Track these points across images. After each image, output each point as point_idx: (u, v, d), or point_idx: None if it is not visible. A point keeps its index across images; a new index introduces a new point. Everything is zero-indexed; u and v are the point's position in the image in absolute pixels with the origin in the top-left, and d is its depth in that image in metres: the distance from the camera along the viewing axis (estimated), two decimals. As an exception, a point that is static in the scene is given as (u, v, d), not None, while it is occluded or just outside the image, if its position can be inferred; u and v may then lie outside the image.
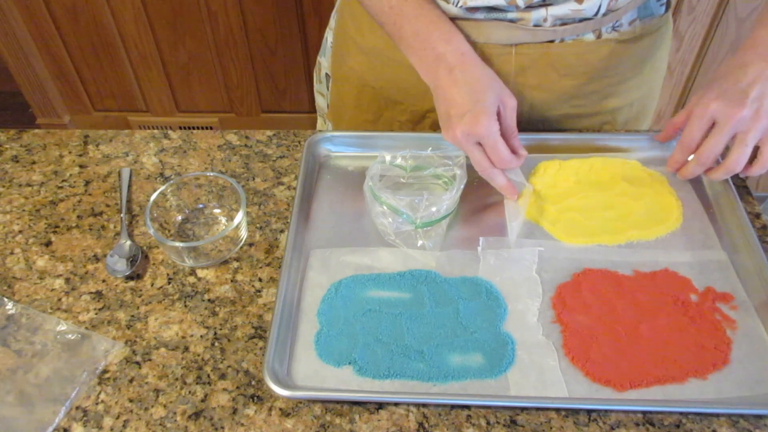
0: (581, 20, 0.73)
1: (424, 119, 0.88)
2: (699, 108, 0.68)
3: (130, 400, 0.60)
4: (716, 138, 0.67)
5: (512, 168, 0.71)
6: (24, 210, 0.78)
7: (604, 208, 0.74)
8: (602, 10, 0.72)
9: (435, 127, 0.88)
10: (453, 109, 0.70)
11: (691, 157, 0.72)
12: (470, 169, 0.74)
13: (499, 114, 0.70)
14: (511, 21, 0.74)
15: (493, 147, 0.68)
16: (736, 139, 0.67)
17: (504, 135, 0.70)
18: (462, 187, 0.72)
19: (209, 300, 0.68)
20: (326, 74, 0.99)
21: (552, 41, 0.75)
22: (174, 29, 1.86)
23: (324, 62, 0.98)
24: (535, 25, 0.74)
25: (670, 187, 0.76)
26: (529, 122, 0.84)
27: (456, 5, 0.72)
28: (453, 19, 0.75)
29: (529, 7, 0.72)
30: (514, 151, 0.71)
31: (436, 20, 0.73)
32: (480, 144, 0.69)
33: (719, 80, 0.68)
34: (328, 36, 0.96)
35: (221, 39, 1.87)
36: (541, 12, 0.72)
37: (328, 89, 0.99)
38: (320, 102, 1.05)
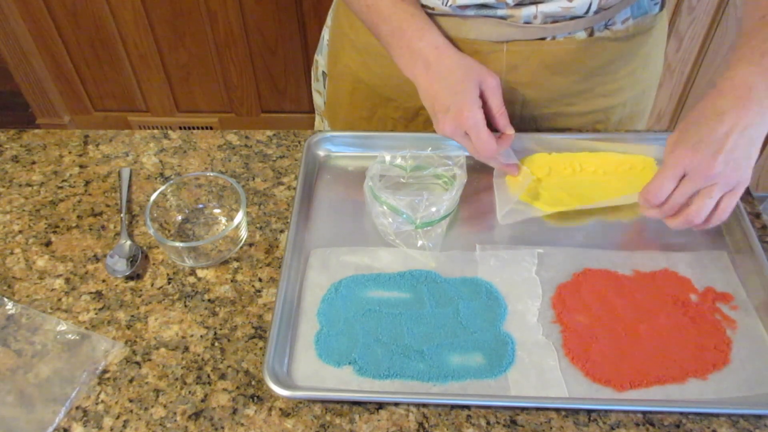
0: (572, 18, 0.73)
1: (417, 116, 0.88)
2: (672, 159, 0.63)
3: (130, 400, 0.60)
4: (683, 191, 0.63)
5: (499, 151, 0.72)
6: (24, 210, 0.78)
7: (584, 179, 0.77)
8: (593, 8, 0.72)
9: (428, 124, 0.87)
10: (437, 105, 0.71)
11: None
12: (470, 169, 0.74)
13: (483, 96, 0.70)
14: (502, 18, 0.74)
15: (476, 137, 0.69)
16: (701, 192, 0.63)
17: (490, 114, 0.71)
18: (462, 187, 0.72)
19: (209, 300, 0.68)
20: (323, 72, 0.99)
21: (543, 39, 0.75)
22: (174, 29, 1.86)
23: (321, 60, 0.99)
24: (526, 23, 0.74)
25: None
26: (521, 120, 0.84)
27: (445, 4, 0.72)
28: (443, 16, 0.75)
29: (519, 5, 0.72)
30: (502, 130, 0.72)
31: (409, 17, 0.73)
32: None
33: (696, 127, 0.63)
34: (325, 34, 0.96)
35: (221, 39, 1.86)
36: (531, 9, 0.72)
37: (324, 87, 1.00)
38: (317, 100, 1.05)
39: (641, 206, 0.67)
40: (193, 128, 1.59)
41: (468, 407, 0.59)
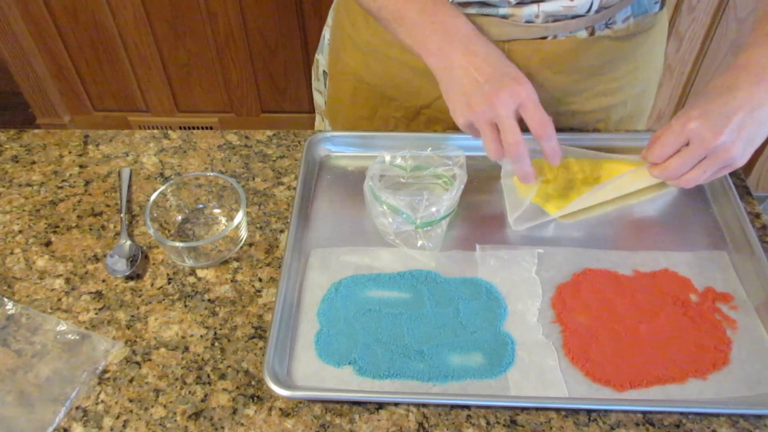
0: (573, 17, 0.73)
1: (418, 116, 0.88)
2: (678, 123, 0.65)
3: (130, 400, 0.60)
4: (686, 159, 0.66)
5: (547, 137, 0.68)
6: (24, 210, 0.78)
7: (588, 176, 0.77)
8: (594, 7, 0.72)
9: (430, 124, 0.88)
10: (483, 76, 0.66)
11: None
12: (470, 169, 0.74)
13: None
14: (503, 17, 0.74)
15: (534, 109, 0.65)
16: (698, 164, 0.66)
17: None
18: (462, 187, 0.72)
19: (209, 300, 0.68)
20: (324, 71, 0.99)
21: (545, 38, 0.75)
22: (174, 29, 1.86)
23: (321, 59, 0.99)
24: (527, 22, 0.74)
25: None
26: (521, 119, 0.84)
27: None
28: None
29: (521, 3, 0.72)
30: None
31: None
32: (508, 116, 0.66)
33: (706, 99, 0.65)
34: (326, 33, 0.96)
35: (221, 39, 1.86)
36: (533, 8, 0.72)
37: (325, 86, 1.00)
38: (318, 99, 1.05)
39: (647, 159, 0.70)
40: (193, 128, 1.59)
41: (468, 407, 0.59)
